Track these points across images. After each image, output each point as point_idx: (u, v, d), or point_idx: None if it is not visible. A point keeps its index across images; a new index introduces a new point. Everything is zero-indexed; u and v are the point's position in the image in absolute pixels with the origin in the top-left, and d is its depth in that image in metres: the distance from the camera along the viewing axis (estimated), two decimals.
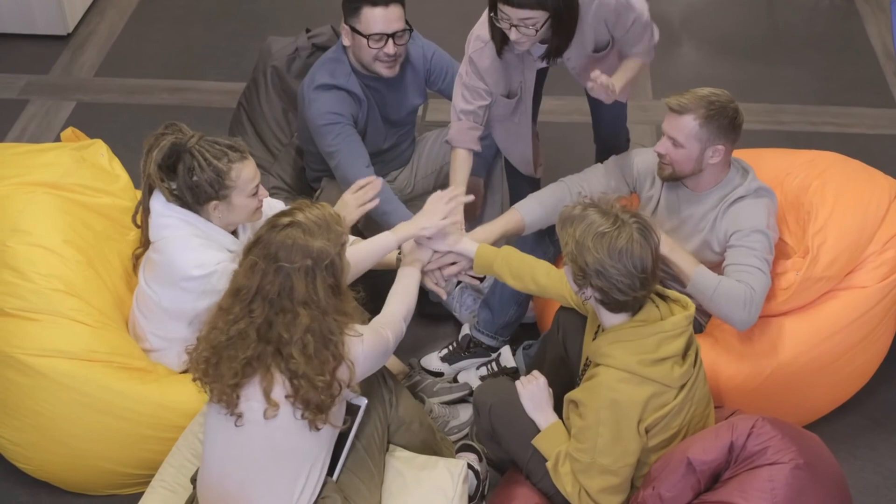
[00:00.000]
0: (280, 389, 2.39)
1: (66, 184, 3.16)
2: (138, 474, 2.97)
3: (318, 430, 2.44)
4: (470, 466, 2.96)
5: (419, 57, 3.40)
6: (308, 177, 3.67)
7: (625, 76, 3.11)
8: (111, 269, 3.11)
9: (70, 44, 4.97)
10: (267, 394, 2.38)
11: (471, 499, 2.93)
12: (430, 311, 3.51)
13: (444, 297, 3.06)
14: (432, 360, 3.40)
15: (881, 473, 3.12)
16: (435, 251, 2.95)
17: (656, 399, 2.49)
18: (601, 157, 3.41)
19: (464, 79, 3.17)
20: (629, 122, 3.60)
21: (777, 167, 3.27)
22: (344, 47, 3.30)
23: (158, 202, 2.83)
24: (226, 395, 2.40)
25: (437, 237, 2.92)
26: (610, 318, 2.54)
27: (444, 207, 2.91)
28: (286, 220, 2.42)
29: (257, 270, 2.39)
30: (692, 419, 2.59)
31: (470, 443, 3.07)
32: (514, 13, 2.85)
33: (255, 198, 2.83)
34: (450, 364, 3.38)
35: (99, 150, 3.34)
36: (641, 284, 2.44)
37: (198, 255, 2.78)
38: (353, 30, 3.19)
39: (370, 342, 2.51)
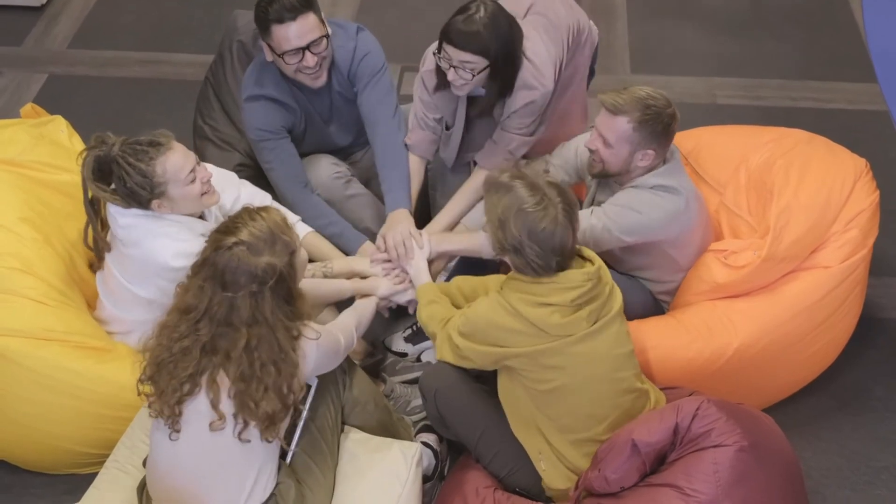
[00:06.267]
0: (228, 402, 2.38)
1: (23, 161, 3.12)
2: (96, 454, 2.94)
3: (269, 442, 2.43)
4: (430, 446, 2.95)
5: (346, 59, 3.19)
6: None
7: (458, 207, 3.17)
8: (70, 247, 3.07)
9: (44, 15, 4.91)
10: (214, 405, 2.37)
11: (429, 479, 2.92)
12: None
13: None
14: (396, 341, 3.38)
15: (844, 455, 3.09)
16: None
17: (522, 337, 2.50)
18: None
19: (418, 91, 3.20)
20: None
21: (744, 145, 3.23)
22: None
23: (114, 209, 2.78)
24: (167, 411, 2.39)
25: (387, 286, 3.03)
26: None
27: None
28: (231, 240, 2.38)
29: (205, 292, 2.37)
30: (591, 383, 2.55)
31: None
32: (456, 54, 2.89)
33: (194, 184, 2.74)
34: (413, 344, 3.36)
35: (59, 127, 3.30)
36: (557, 265, 2.48)
37: (177, 244, 2.74)
38: (270, 47, 3.08)
39: (324, 344, 2.51)
